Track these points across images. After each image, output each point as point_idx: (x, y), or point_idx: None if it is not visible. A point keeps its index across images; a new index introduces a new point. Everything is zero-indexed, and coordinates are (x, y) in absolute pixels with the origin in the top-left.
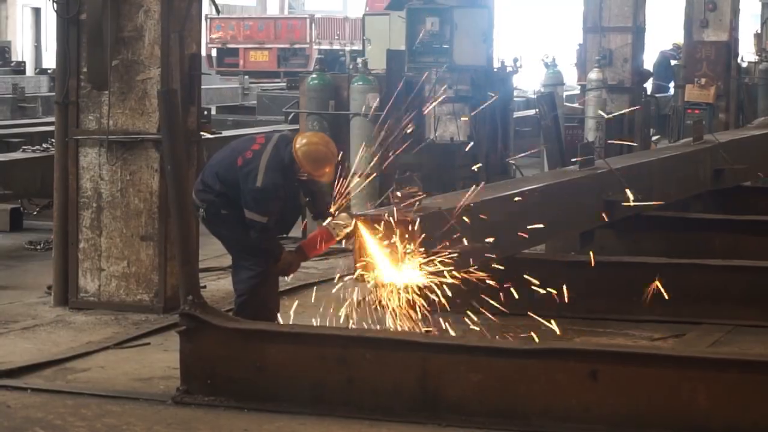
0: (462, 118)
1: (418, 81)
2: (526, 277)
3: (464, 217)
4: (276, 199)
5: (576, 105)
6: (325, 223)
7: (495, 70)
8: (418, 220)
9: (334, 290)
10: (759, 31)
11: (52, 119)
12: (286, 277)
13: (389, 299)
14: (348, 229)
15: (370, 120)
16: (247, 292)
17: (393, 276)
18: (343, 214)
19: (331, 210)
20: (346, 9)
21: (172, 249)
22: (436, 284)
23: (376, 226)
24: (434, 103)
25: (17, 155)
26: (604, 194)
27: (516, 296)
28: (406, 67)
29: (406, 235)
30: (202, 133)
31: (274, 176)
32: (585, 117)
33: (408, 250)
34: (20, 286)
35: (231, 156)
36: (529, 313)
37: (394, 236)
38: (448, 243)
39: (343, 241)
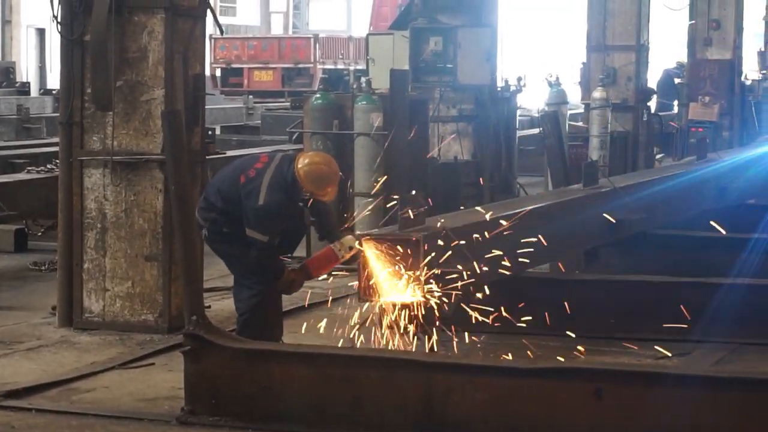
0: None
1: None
2: (530, 296)
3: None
4: (278, 218)
5: (580, 124)
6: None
7: (498, 89)
8: (422, 240)
9: (339, 310)
10: (762, 50)
11: (56, 140)
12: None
13: (392, 318)
14: (353, 250)
15: (374, 139)
16: (248, 310)
17: (397, 296)
18: (349, 236)
19: (337, 231)
20: (350, 28)
21: (177, 269)
22: (437, 303)
23: (380, 246)
24: None
25: (22, 176)
26: (608, 213)
27: (520, 315)
28: (410, 87)
29: (410, 256)
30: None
31: (276, 195)
32: (589, 136)
33: (412, 272)
34: (25, 307)
35: (234, 173)
36: (533, 332)
37: (398, 256)
38: (453, 264)
39: (349, 262)
